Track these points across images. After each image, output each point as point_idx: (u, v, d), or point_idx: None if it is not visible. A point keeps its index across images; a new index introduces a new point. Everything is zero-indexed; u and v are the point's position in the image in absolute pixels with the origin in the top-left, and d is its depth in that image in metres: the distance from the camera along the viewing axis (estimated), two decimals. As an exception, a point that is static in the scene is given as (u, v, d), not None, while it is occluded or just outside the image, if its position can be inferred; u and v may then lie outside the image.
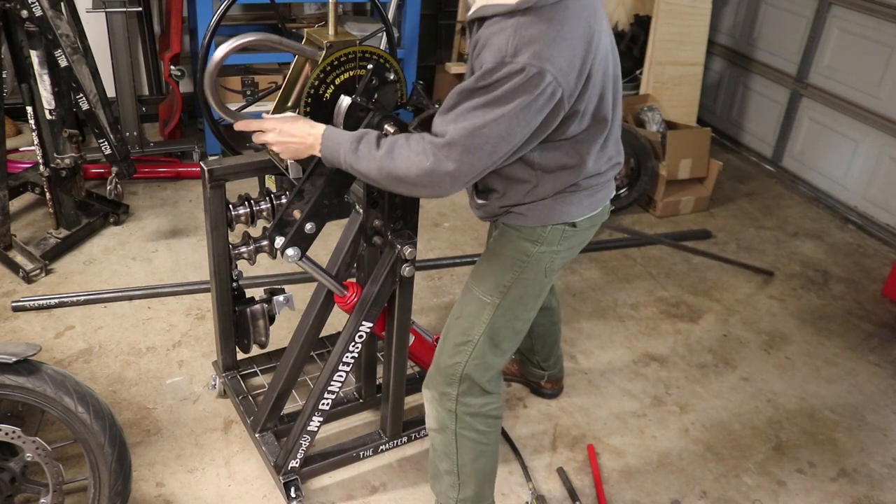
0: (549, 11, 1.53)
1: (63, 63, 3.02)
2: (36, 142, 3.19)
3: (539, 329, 2.54)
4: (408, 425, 2.46)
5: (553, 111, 1.57)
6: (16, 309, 2.98)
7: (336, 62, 1.89)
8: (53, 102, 3.08)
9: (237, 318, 2.41)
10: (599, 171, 1.82)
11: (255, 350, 2.50)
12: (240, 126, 1.93)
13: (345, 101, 1.86)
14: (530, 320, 1.98)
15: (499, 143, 1.56)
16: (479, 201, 1.90)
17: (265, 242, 2.31)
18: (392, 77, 1.92)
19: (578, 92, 1.60)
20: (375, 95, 1.89)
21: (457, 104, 1.59)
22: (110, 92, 3.69)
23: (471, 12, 1.65)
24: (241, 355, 2.59)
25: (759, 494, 2.45)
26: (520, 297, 1.89)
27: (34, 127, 3.16)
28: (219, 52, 1.82)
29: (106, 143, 3.30)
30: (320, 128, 1.77)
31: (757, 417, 2.77)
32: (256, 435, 2.38)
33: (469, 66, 1.71)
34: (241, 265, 2.40)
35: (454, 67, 4.50)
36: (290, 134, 1.80)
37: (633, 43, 4.24)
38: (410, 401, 2.49)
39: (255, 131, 1.88)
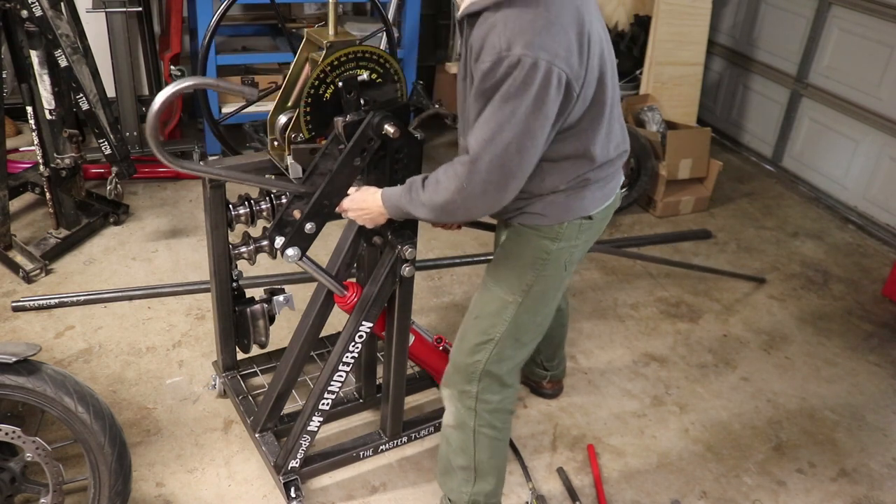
0: None
1: (63, 63, 3.02)
2: (36, 142, 3.19)
3: (549, 330, 2.53)
4: (408, 425, 2.46)
5: (565, 98, 1.58)
6: (16, 309, 2.98)
7: (336, 62, 1.90)
8: (53, 102, 3.08)
9: (237, 318, 2.41)
10: (608, 158, 1.82)
11: (255, 350, 2.49)
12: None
13: (338, 123, 1.87)
14: (551, 313, 2.01)
15: (523, 141, 1.57)
16: None
17: (265, 242, 2.30)
18: (365, 77, 1.93)
19: (584, 74, 1.60)
20: (363, 101, 1.91)
21: (478, 115, 1.61)
22: (110, 92, 3.69)
23: (461, 10, 1.66)
24: (241, 355, 2.59)
25: (759, 494, 2.45)
26: (542, 293, 1.91)
27: (34, 127, 3.16)
28: (158, 99, 1.64)
29: (106, 143, 3.30)
30: (378, 194, 1.83)
31: (757, 417, 2.77)
32: (256, 435, 2.38)
33: (462, 66, 1.72)
34: (241, 265, 2.40)
35: (454, 67, 4.49)
36: (359, 208, 1.88)
37: (633, 43, 4.24)
38: (410, 401, 2.49)
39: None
